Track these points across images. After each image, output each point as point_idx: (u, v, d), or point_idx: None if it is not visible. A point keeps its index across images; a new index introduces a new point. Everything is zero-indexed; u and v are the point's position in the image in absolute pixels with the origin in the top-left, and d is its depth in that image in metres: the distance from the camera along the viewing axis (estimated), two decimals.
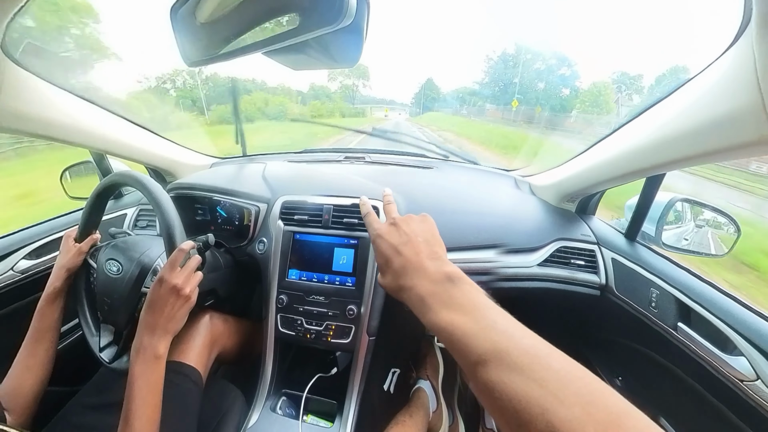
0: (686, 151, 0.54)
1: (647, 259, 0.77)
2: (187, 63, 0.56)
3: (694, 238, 0.75)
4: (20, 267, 0.94)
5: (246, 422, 0.82)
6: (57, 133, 0.81)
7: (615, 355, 0.96)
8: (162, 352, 0.57)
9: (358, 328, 0.86)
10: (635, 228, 0.82)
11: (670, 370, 0.75)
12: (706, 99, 0.49)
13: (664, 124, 0.58)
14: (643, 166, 0.66)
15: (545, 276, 0.87)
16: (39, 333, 0.71)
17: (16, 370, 0.68)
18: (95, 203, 0.80)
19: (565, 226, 0.93)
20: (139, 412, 0.52)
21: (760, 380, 0.52)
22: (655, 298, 0.72)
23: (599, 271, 0.86)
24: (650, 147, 0.61)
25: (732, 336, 0.57)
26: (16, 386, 0.67)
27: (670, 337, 0.68)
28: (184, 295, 0.60)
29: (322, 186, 1.01)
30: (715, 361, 0.59)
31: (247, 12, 0.48)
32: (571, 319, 1.12)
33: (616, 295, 0.82)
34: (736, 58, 0.44)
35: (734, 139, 0.45)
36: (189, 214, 1.15)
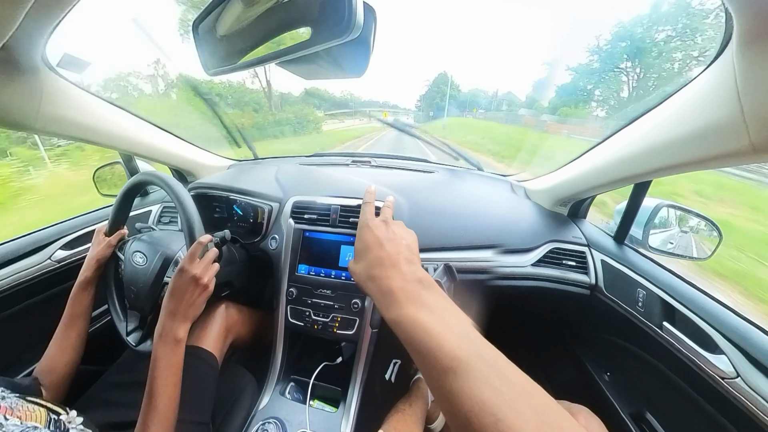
0: (671, 160, 0.55)
1: (635, 261, 0.77)
2: (207, 72, 0.57)
3: (679, 242, 0.74)
4: (57, 257, 0.96)
5: (257, 404, 0.83)
6: (91, 136, 0.83)
7: (603, 351, 0.96)
8: (182, 336, 0.58)
9: (362, 321, 0.87)
10: (624, 231, 0.81)
11: (655, 366, 0.75)
12: (690, 111, 0.49)
13: (650, 133, 0.58)
14: (631, 174, 0.66)
15: (539, 275, 0.87)
16: (72, 317, 0.73)
17: (51, 351, 0.70)
18: (123, 200, 0.82)
19: (557, 229, 0.92)
20: (162, 390, 0.54)
21: (740, 378, 0.52)
22: (641, 298, 0.71)
23: (589, 272, 0.85)
24: (637, 155, 0.62)
25: (714, 335, 0.57)
26: (52, 365, 0.69)
27: (655, 336, 0.68)
28: (203, 284, 0.61)
29: (330, 187, 1.02)
30: (697, 359, 0.59)
31: (262, 26, 0.49)
32: (562, 316, 1.11)
33: (605, 295, 0.81)
34: (718, 72, 0.45)
35: (717, 149, 0.46)
36: (208, 211, 1.17)
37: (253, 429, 0.74)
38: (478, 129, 28.94)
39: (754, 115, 0.39)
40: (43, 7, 0.42)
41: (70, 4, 0.46)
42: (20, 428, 0.42)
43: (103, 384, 0.77)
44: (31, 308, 0.92)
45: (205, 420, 0.71)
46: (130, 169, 1.17)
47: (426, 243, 0.90)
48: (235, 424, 0.76)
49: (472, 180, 1.20)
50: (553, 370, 1.22)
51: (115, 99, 0.87)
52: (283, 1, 0.44)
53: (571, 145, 14.90)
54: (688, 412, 0.68)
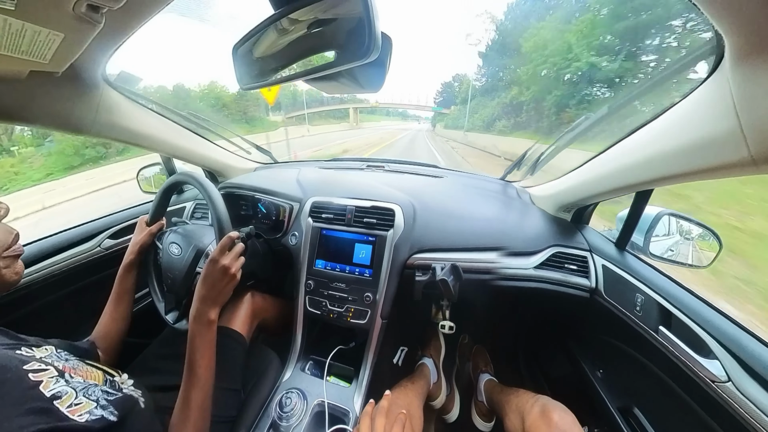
0: (672, 170, 0.54)
1: (635, 267, 0.76)
2: (242, 87, 0.61)
3: (680, 250, 0.72)
4: (105, 245, 1.04)
5: (281, 377, 0.89)
6: (137, 140, 0.89)
7: (598, 350, 0.95)
8: (213, 318, 0.61)
9: (374, 312, 0.90)
10: (625, 238, 0.80)
11: (648, 367, 0.74)
12: (688, 122, 0.49)
13: (650, 144, 0.57)
14: (633, 182, 0.65)
15: (540, 278, 0.86)
16: (119, 295, 0.79)
17: (104, 321, 0.76)
18: (163, 196, 0.86)
19: (560, 234, 0.91)
20: (200, 362, 0.58)
21: (731, 382, 0.51)
22: (639, 303, 0.70)
23: (590, 276, 0.84)
24: (638, 165, 0.61)
25: (708, 341, 0.56)
26: (106, 333, 0.75)
27: (651, 339, 0.67)
28: (231, 275, 0.64)
29: (346, 190, 1.04)
30: (690, 363, 0.58)
31: (293, 50, 0.52)
32: (561, 316, 1.11)
33: (604, 298, 0.81)
34: (714, 86, 0.44)
35: (716, 160, 0.45)
36: (235, 208, 1.21)
37: (278, 396, 0.80)
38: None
39: (752, 129, 0.38)
40: (105, 34, 0.46)
41: (128, 33, 0.50)
42: (83, 385, 0.47)
43: (148, 354, 0.83)
44: (87, 287, 1.00)
45: (236, 387, 0.77)
46: (168, 170, 1.23)
47: (434, 243, 0.92)
48: (263, 393, 0.81)
49: (480, 185, 1.20)
50: (548, 365, 1.22)
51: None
52: (311, 31, 0.46)
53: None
54: (675, 410, 0.67)
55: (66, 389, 0.43)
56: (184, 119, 1.06)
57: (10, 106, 0.61)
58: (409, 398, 0.85)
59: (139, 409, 0.54)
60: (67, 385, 0.44)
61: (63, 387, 0.43)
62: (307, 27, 0.48)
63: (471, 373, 1.23)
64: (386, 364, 1.02)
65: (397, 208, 0.94)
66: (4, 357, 0.42)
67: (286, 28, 0.49)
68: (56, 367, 0.46)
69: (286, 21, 0.47)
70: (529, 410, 0.72)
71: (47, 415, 0.38)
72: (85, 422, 0.41)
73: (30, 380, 0.41)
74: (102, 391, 0.49)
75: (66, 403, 0.41)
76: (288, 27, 0.49)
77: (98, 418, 0.43)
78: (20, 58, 0.48)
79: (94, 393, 0.47)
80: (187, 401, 0.55)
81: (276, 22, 0.47)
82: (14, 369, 0.41)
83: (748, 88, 0.38)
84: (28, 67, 0.53)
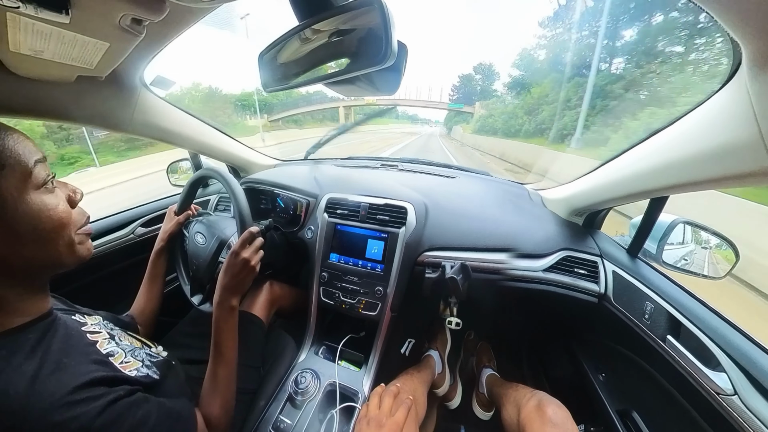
0: (688, 177, 0.52)
1: (646, 275, 0.74)
2: (266, 90, 0.63)
3: (694, 259, 0.70)
4: (138, 232, 1.11)
5: (297, 358, 0.94)
6: (169, 137, 0.94)
7: (602, 355, 0.93)
8: (235, 305, 0.65)
9: (384, 305, 0.92)
10: (637, 245, 0.78)
11: (651, 375, 0.73)
12: (706, 129, 0.47)
13: (666, 150, 0.55)
14: (647, 188, 0.63)
15: (549, 280, 0.85)
16: (152, 277, 0.85)
17: (140, 299, 0.83)
18: (190, 189, 0.90)
19: (571, 238, 0.90)
20: (224, 342, 0.62)
21: (737, 396, 0.50)
22: (649, 311, 0.69)
23: (599, 281, 0.83)
24: (654, 170, 0.59)
25: (717, 352, 0.55)
26: (142, 309, 0.82)
27: (657, 347, 0.66)
28: (250, 267, 0.66)
29: (360, 187, 1.06)
30: (696, 373, 0.57)
31: (314, 56, 0.54)
32: (567, 319, 1.09)
33: (613, 305, 0.79)
34: (732, 93, 0.42)
35: (735, 168, 0.43)
36: (255, 202, 1.25)
37: (294, 375, 0.84)
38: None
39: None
40: (145, 44, 0.49)
41: (165, 42, 0.53)
42: (130, 347, 0.53)
43: (177, 332, 0.90)
44: (123, 269, 1.07)
45: (257, 365, 0.83)
46: (195, 165, 1.28)
47: (445, 242, 0.93)
48: (280, 371, 0.87)
49: (492, 186, 1.19)
50: (550, 364, 1.21)
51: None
52: (332, 39, 0.48)
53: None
54: (676, 419, 0.66)
55: (117, 350, 0.49)
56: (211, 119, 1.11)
57: (59, 107, 0.67)
58: (414, 384, 0.87)
59: (175, 372, 0.60)
60: (117, 346, 0.50)
61: (114, 347, 0.49)
62: (328, 36, 0.50)
63: (474, 367, 1.24)
64: (394, 353, 1.05)
65: (410, 206, 0.95)
66: (66, 319, 0.48)
67: (309, 38, 0.51)
68: (107, 332, 0.52)
69: (309, 31, 0.49)
70: (525, 403, 0.73)
71: (106, 366, 0.44)
72: (135, 376, 0.47)
73: (88, 338, 0.47)
74: (145, 354, 0.55)
75: (118, 360, 0.47)
76: (311, 36, 0.51)
77: (144, 375, 0.49)
78: (70, 64, 0.52)
79: (139, 355, 0.53)
80: (215, 376, 0.60)
81: (300, 32, 0.49)
82: (75, 328, 0.47)
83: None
84: (76, 72, 0.57)
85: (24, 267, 0.41)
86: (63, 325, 0.46)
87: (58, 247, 0.43)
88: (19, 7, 0.32)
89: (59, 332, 0.44)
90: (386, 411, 0.62)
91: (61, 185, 0.46)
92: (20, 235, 0.39)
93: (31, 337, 0.40)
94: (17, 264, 0.40)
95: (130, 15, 0.39)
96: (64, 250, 0.44)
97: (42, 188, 0.41)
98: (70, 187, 0.48)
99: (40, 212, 0.40)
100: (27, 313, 0.42)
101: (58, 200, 0.43)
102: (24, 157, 0.39)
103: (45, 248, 0.42)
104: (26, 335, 0.40)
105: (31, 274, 0.42)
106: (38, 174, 0.41)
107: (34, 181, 0.40)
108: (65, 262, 0.45)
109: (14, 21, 0.38)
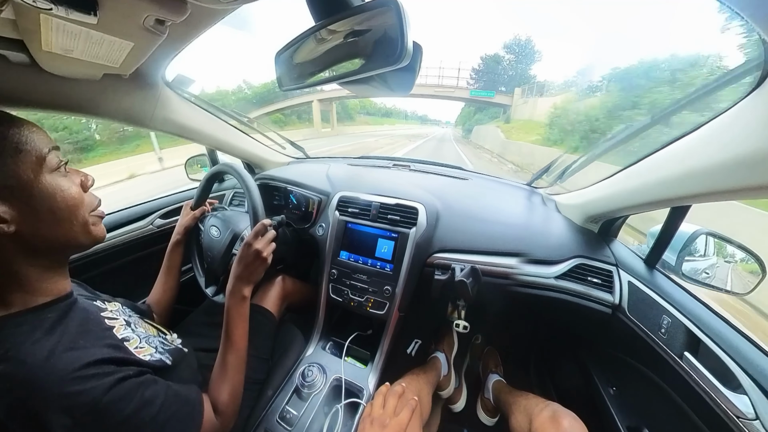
0: (713, 186, 0.49)
1: (664, 287, 0.71)
2: (282, 89, 0.64)
3: (716, 273, 0.66)
4: (157, 223, 1.14)
5: (305, 352, 0.95)
6: (187, 133, 0.96)
7: (614, 368, 0.90)
8: (246, 294, 0.66)
9: (392, 304, 0.92)
10: (656, 255, 0.74)
11: (666, 392, 0.70)
12: (736, 135, 0.44)
13: (691, 156, 0.52)
14: (668, 196, 0.59)
15: (561, 288, 0.83)
16: (168, 268, 0.88)
17: (156, 289, 0.86)
18: (206, 184, 0.93)
19: (586, 245, 0.87)
20: (235, 331, 0.64)
21: (759, 420, 0.48)
22: (665, 325, 0.66)
23: (614, 292, 0.80)
24: (677, 178, 0.55)
25: (738, 373, 0.52)
26: (158, 298, 0.85)
27: (674, 364, 0.63)
28: (262, 258, 0.68)
29: (372, 186, 1.05)
30: (715, 394, 0.54)
31: (330, 56, 0.54)
32: (578, 329, 1.06)
33: (627, 316, 0.76)
34: (761, 98, 0.40)
35: (763, 178, 0.40)
36: (268, 198, 1.27)
37: (301, 368, 0.86)
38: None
39: None
40: (167, 43, 0.50)
41: (187, 42, 0.55)
42: (145, 334, 0.56)
43: (191, 321, 0.93)
44: (142, 259, 1.11)
45: (266, 356, 0.85)
46: (212, 160, 1.32)
47: (455, 244, 0.91)
48: (287, 364, 0.88)
49: (505, 189, 1.17)
50: (559, 375, 1.18)
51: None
52: (348, 39, 0.48)
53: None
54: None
55: (132, 335, 0.52)
56: (228, 116, 1.13)
57: (86, 102, 0.70)
58: (420, 385, 0.87)
59: (187, 360, 0.62)
60: (133, 332, 0.53)
61: (130, 333, 0.52)
62: (343, 36, 0.50)
63: (480, 372, 1.23)
64: (400, 353, 1.05)
65: (421, 207, 0.94)
66: (86, 303, 0.51)
67: (325, 38, 0.51)
68: (124, 319, 0.55)
69: (325, 31, 0.49)
70: (538, 413, 0.71)
71: (120, 350, 0.47)
72: (148, 361, 0.49)
73: (106, 323, 0.50)
74: (159, 341, 0.57)
75: (133, 345, 0.50)
76: (326, 37, 0.51)
77: (157, 360, 0.52)
78: (97, 63, 0.54)
79: (153, 341, 0.55)
80: (225, 363, 0.62)
81: (316, 33, 0.49)
82: (94, 312, 0.50)
83: None
84: (103, 71, 0.59)
85: (43, 245, 0.44)
86: (82, 308, 0.48)
87: (73, 226, 0.46)
88: (52, 8, 0.33)
89: (78, 315, 0.46)
90: (390, 411, 0.61)
91: (74, 171, 0.49)
92: (38, 214, 0.42)
93: (51, 316, 0.43)
94: (36, 243, 0.43)
95: (154, 16, 0.40)
96: (78, 230, 0.47)
97: (55, 172, 0.44)
98: (82, 173, 0.51)
99: (55, 193, 0.43)
100: (48, 293, 0.45)
101: (71, 183, 0.46)
102: (38, 144, 0.42)
103: (61, 227, 0.45)
104: (47, 314, 0.43)
105: (49, 253, 0.45)
106: (51, 159, 0.44)
107: (48, 165, 0.43)
108: (80, 241, 0.48)
109: (47, 22, 0.39)
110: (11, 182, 0.40)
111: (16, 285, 0.43)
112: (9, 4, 0.36)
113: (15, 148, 0.40)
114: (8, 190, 0.39)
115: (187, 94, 0.90)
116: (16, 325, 0.40)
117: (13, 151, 0.40)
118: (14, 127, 0.41)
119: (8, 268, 0.42)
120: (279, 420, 0.75)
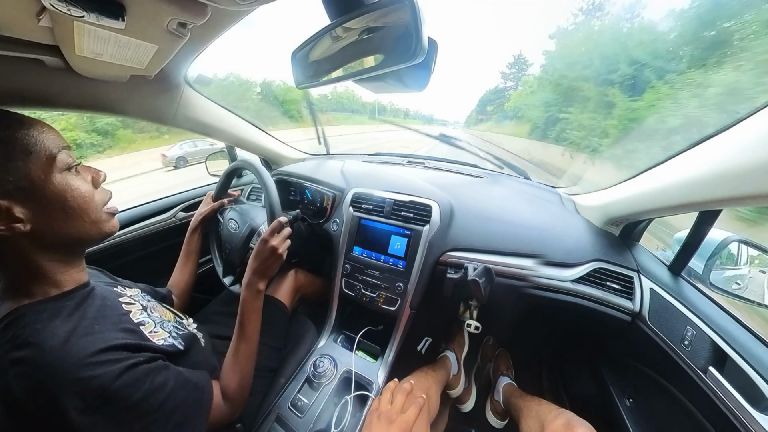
0: (748, 189, 0.45)
1: (689, 296, 0.67)
2: (298, 86, 0.65)
3: (749, 284, 0.62)
4: (179, 216, 1.20)
5: (317, 344, 0.97)
6: (208, 131, 1.00)
7: (631, 378, 0.86)
8: (261, 288, 0.68)
9: (403, 301, 0.92)
10: (681, 263, 0.70)
11: (686, 407, 0.66)
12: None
13: (725, 156, 0.48)
14: (698, 200, 0.55)
15: (578, 292, 0.80)
16: (187, 254, 0.92)
17: (176, 273, 0.91)
18: (226, 179, 0.96)
19: (606, 249, 0.83)
20: (248, 322, 0.66)
21: None
22: (689, 337, 0.62)
23: (634, 299, 0.76)
24: (708, 180, 0.51)
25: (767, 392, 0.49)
26: (178, 282, 0.89)
27: (696, 378, 0.60)
28: (278, 254, 0.70)
29: (386, 183, 1.05)
30: (741, 414, 0.51)
31: (345, 53, 0.54)
32: (594, 335, 1.02)
33: (648, 325, 0.72)
34: None
35: None
36: (284, 193, 1.29)
37: (313, 359, 0.88)
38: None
39: None
40: (189, 45, 0.52)
41: (207, 43, 0.56)
42: (160, 319, 0.58)
43: (208, 309, 0.97)
44: (165, 248, 1.17)
45: (279, 346, 0.88)
46: (231, 156, 1.35)
47: (469, 243, 0.90)
48: (300, 354, 0.91)
49: (521, 188, 1.13)
50: (572, 382, 1.14)
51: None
52: (363, 37, 0.47)
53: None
54: None
55: (148, 320, 0.55)
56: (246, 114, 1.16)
57: (114, 103, 0.74)
58: (429, 383, 0.87)
59: (200, 345, 0.65)
60: (149, 317, 0.56)
61: (146, 318, 0.55)
62: (358, 34, 0.50)
63: (491, 374, 1.22)
64: (410, 350, 1.06)
65: (435, 204, 0.93)
66: (105, 290, 0.55)
67: (340, 36, 0.51)
68: (141, 304, 0.58)
69: (340, 29, 0.49)
70: (551, 420, 0.69)
71: (134, 334, 0.49)
72: (161, 345, 0.52)
73: (123, 308, 0.53)
74: (173, 326, 0.60)
75: (148, 329, 0.52)
76: (342, 34, 0.50)
77: (170, 345, 0.54)
78: (125, 65, 0.56)
79: (167, 326, 0.58)
80: (237, 352, 0.65)
81: (331, 31, 0.49)
82: (112, 298, 0.53)
83: None
84: (130, 72, 0.62)
85: (57, 241, 0.46)
86: (100, 295, 0.51)
87: (84, 223, 0.48)
88: (84, 16, 0.35)
89: (96, 302, 0.49)
90: (398, 408, 0.62)
91: (85, 168, 0.51)
92: (51, 212, 0.44)
93: (69, 304, 0.46)
94: (51, 239, 0.45)
95: (177, 19, 0.42)
96: (89, 226, 0.49)
97: (66, 171, 0.46)
98: (93, 170, 0.53)
99: (66, 192, 0.45)
100: (66, 284, 0.48)
101: (82, 182, 0.49)
102: (48, 144, 0.44)
103: (74, 224, 0.47)
104: (65, 302, 0.46)
105: (64, 248, 0.48)
106: (62, 159, 0.45)
107: (59, 165, 0.45)
108: (92, 236, 0.50)
109: (79, 28, 0.41)
110: (24, 183, 0.41)
111: (37, 277, 0.45)
112: (46, 13, 0.38)
113: (26, 150, 0.41)
114: (22, 192, 0.41)
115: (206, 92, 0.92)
116: (36, 313, 0.43)
117: (24, 154, 0.41)
118: (24, 128, 0.42)
119: (27, 262, 0.44)
120: (291, 407, 0.78)
